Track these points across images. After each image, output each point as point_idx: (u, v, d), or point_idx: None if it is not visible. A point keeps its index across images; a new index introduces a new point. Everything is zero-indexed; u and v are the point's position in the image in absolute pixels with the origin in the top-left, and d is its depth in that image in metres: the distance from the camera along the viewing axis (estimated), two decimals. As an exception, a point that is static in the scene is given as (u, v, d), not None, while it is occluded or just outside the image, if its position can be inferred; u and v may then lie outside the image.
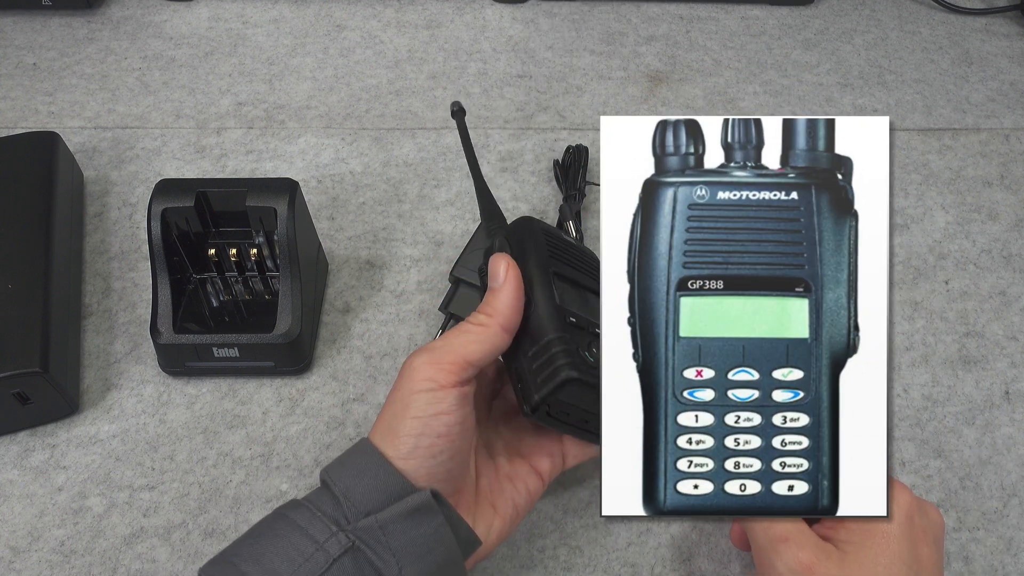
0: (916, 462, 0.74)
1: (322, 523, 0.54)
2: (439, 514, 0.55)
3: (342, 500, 0.54)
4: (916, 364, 0.79)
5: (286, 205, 0.74)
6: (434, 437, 0.55)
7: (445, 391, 0.56)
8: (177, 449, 0.74)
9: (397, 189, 0.91)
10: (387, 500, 0.54)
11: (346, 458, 0.57)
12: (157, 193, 0.74)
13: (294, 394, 0.77)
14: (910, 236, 0.88)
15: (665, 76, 1.03)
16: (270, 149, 0.94)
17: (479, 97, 1.00)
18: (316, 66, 1.03)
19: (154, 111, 0.98)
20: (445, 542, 0.55)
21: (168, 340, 0.74)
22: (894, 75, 1.04)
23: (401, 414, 0.56)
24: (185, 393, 0.77)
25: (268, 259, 0.78)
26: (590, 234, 0.86)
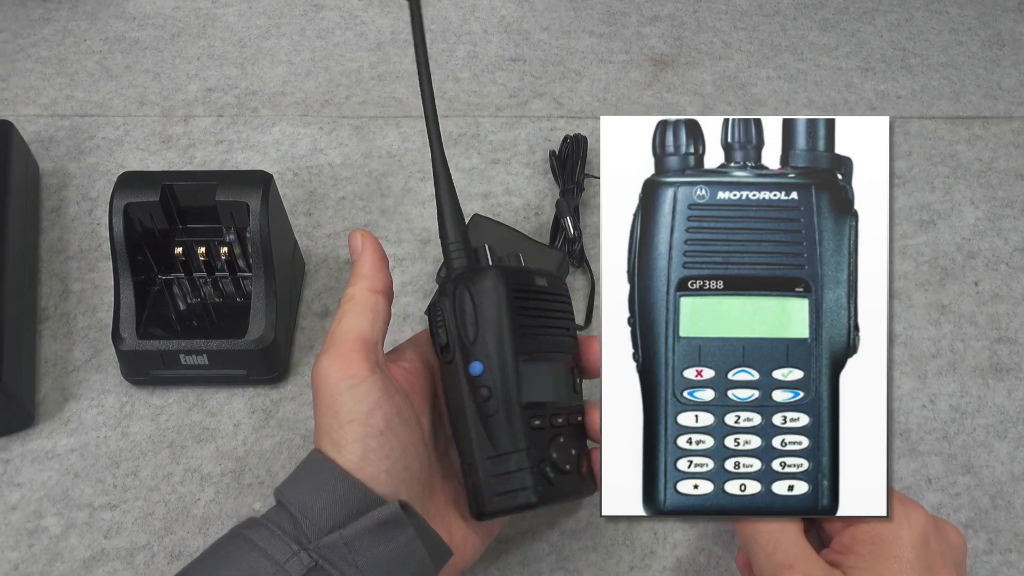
0: (943, 479, 0.74)
1: (282, 542, 0.54)
2: (409, 527, 0.55)
3: (300, 518, 0.54)
4: (943, 372, 0.80)
5: (259, 200, 0.74)
6: (378, 436, 0.56)
7: (367, 382, 0.56)
8: (141, 465, 0.74)
9: (380, 182, 0.91)
10: (349, 514, 0.54)
11: (299, 473, 0.57)
12: (119, 187, 0.74)
13: (268, 405, 0.77)
14: (937, 233, 0.89)
15: (671, 60, 1.03)
16: (242, 139, 0.95)
17: (468, 82, 1.00)
18: (292, 49, 1.04)
19: (116, 97, 0.98)
20: (416, 556, 0.55)
21: (131, 346, 0.74)
22: (919, 58, 1.04)
23: (336, 424, 0.56)
24: (150, 404, 0.77)
25: (240, 258, 0.78)
26: (589, 231, 0.86)
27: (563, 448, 0.60)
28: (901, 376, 0.79)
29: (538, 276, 0.63)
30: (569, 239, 0.83)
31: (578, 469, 0.61)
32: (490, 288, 0.59)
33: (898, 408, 0.77)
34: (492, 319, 0.59)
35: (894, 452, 0.75)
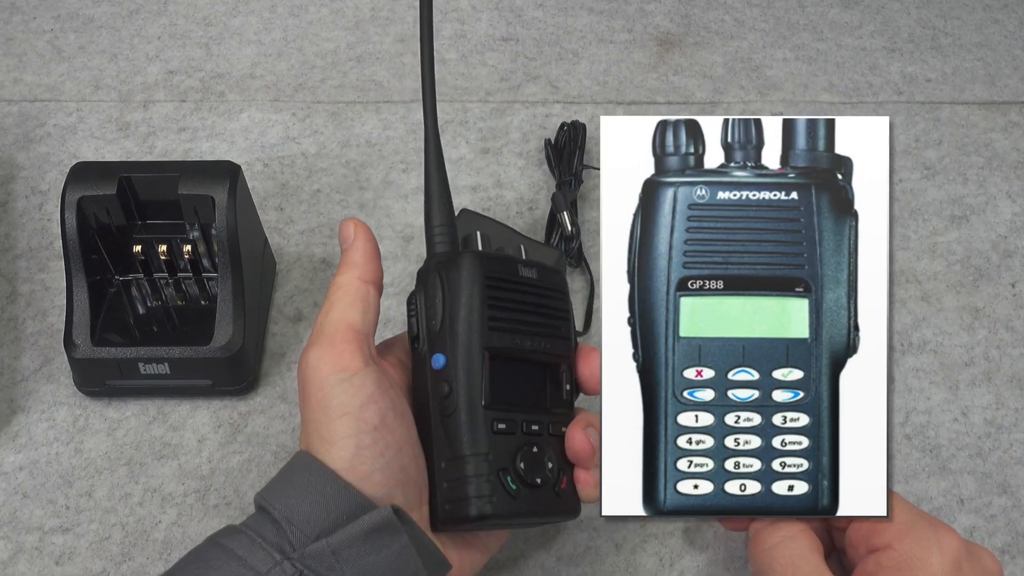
0: (977, 499, 0.75)
1: (264, 551, 0.54)
2: (402, 534, 0.55)
3: (284, 525, 0.55)
4: (977, 382, 0.80)
5: (226, 193, 0.74)
6: (372, 431, 0.56)
7: (360, 374, 0.57)
8: (96, 484, 0.74)
9: (358, 174, 0.91)
10: (338, 519, 0.55)
11: (283, 476, 0.57)
12: (72, 179, 0.74)
13: (236, 418, 0.77)
14: (970, 230, 0.89)
15: (678, 39, 1.04)
16: (207, 126, 0.95)
17: (456, 64, 1.01)
18: (262, 27, 1.04)
19: (68, 81, 0.98)
20: (410, 567, 0.55)
21: (85, 354, 0.74)
22: (951, 38, 1.04)
23: (326, 419, 0.56)
24: (106, 417, 0.77)
25: (204, 257, 0.78)
26: (588, 227, 0.86)
27: (535, 459, 0.60)
28: (931, 386, 0.79)
29: (526, 266, 0.63)
30: (566, 236, 0.84)
31: (554, 485, 0.61)
32: (463, 274, 0.60)
33: (927, 422, 0.77)
34: (459, 308, 0.59)
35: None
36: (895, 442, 0.76)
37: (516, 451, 0.60)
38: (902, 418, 0.78)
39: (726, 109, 0.97)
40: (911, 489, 0.74)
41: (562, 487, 0.61)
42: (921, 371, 0.80)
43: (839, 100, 0.99)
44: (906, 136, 0.95)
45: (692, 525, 0.72)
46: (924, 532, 0.57)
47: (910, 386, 0.79)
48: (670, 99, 0.98)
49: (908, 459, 0.76)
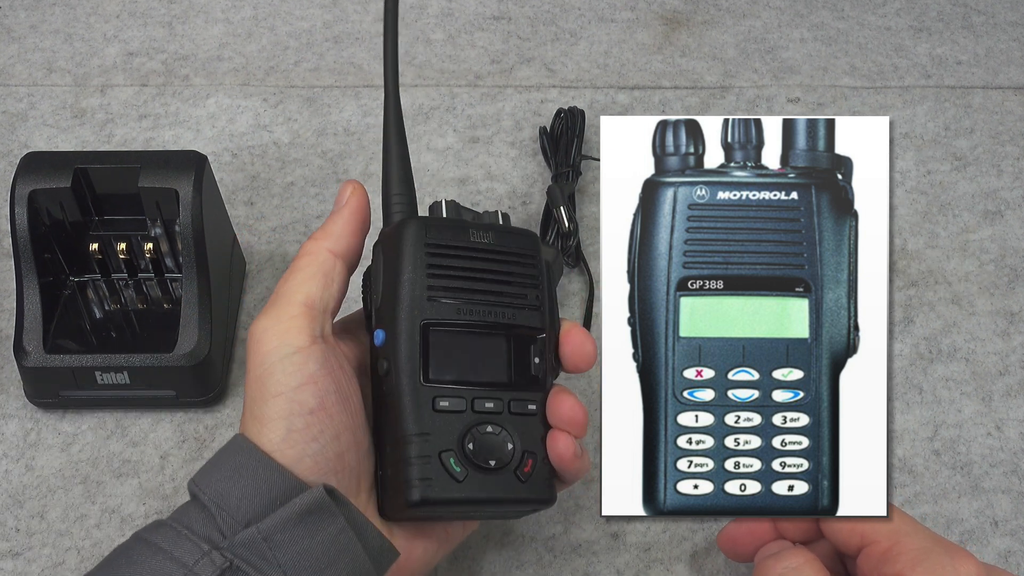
0: (1012, 521, 0.75)
1: (190, 542, 0.54)
2: (338, 516, 0.55)
3: (215, 511, 0.55)
4: (1013, 393, 0.80)
5: (191, 186, 0.74)
6: (306, 415, 0.56)
7: (303, 352, 0.57)
8: (49, 504, 0.74)
9: (335, 165, 0.91)
10: (270, 504, 0.55)
11: (216, 459, 0.57)
12: (23, 170, 0.75)
13: (201, 432, 0.77)
14: (1005, 226, 0.89)
15: (685, 18, 1.04)
16: (170, 113, 0.95)
17: (442, 45, 1.01)
18: (230, 5, 1.04)
19: (18, 63, 0.98)
20: (350, 551, 0.56)
21: (37, 362, 0.75)
22: (984, 16, 1.05)
23: (260, 397, 0.57)
24: (60, 431, 0.77)
25: (167, 257, 0.78)
26: (587, 223, 0.87)
27: (488, 439, 0.60)
28: (962, 397, 0.79)
29: (480, 231, 0.62)
30: (563, 233, 0.84)
31: (516, 469, 0.60)
32: (401, 243, 0.61)
33: (958, 436, 0.78)
34: (396, 279, 0.60)
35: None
36: (923, 458, 0.76)
37: (466, 431, 0.60)
38: (930, 432, 0.78)
39: (738, 94, 0.98)
40: (940, 510, 0.74)
41: (526, 471, 0.60)
42: (951, 381, 0.80)
43: (861, 84, 0.99)
44: (935, 124, 0.95)
45: (699, 550, 0.72)
46: (939, 560, 0.57)
47: (939, 397, 0.80)
48: (677, 83, 0.99)
49: (937, 477, 0.76)
